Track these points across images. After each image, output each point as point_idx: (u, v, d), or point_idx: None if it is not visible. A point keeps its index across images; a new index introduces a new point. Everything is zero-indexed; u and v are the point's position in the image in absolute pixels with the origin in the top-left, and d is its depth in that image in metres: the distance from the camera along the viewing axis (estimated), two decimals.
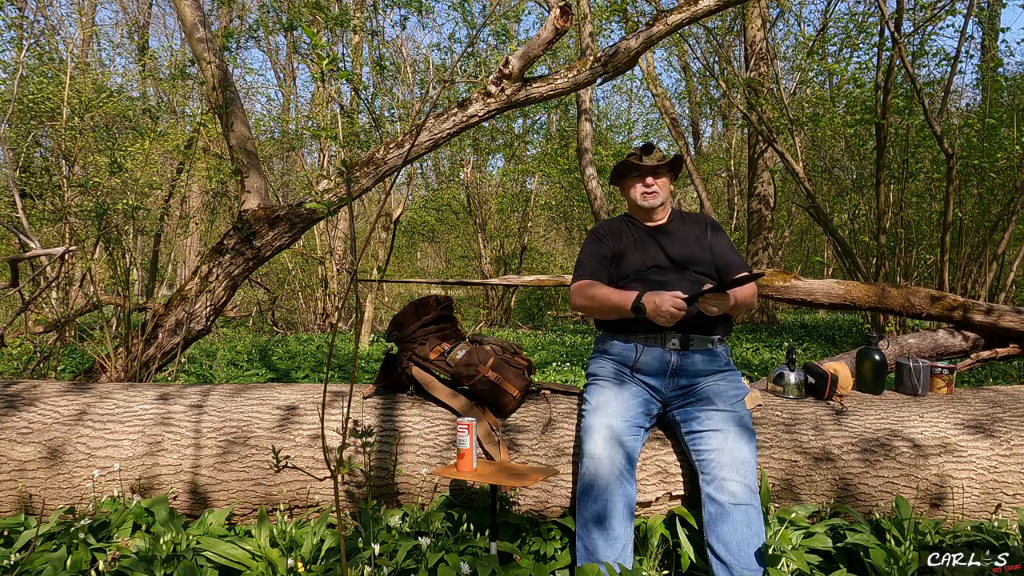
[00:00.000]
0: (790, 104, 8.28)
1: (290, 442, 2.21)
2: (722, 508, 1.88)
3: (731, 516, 1.86)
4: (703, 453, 1.99)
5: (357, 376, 5.72)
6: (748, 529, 1.85)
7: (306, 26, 1.64)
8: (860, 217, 8.93)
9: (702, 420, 2.04)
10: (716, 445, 1.97)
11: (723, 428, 2.00)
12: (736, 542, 1.84)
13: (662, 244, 2.32)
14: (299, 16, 8.98)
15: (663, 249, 2.30)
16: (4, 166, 7.45)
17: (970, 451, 2.20)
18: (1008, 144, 6.95)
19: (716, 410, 2.05)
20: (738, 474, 1.91)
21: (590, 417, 2.08)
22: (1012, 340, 3.43)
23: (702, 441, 2.01)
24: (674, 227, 2.38)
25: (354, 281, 1.51)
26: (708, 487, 1.94)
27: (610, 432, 2.00)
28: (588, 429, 2.05)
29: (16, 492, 2.14)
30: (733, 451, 1.95)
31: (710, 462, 1.96)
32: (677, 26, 3.39)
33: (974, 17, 6.77)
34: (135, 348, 3.49)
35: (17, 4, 9.63)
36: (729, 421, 2.02)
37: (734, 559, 1.82)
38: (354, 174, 3.47)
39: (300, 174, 14.60)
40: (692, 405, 2.11)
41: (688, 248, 2.31)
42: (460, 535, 1.96)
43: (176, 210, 11.73)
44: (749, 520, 1.86)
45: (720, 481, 1.91)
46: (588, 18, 9.78)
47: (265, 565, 1.86)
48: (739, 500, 1.88)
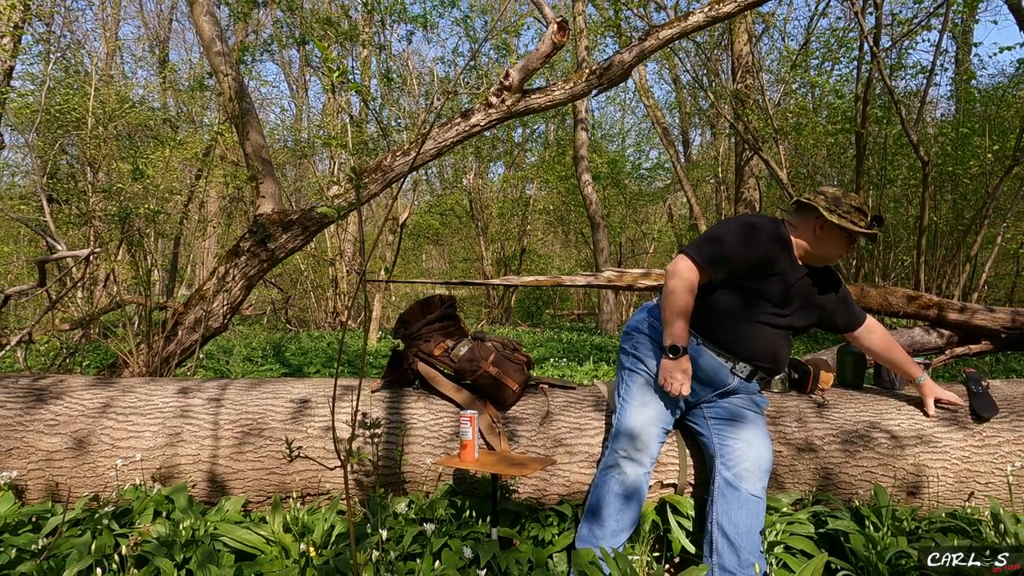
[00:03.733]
0: (775, 114, 8.28)
1: (302, 433, 2.21)
2: (739, 495, 1.89)
3: (746, 503, 1.89)
4: (729, 440, 1.97)
5: (365, 371, 5.72)
6: (756, 519, 1.88)
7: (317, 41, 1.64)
8: None
9: (732, 411, 2.03)
10: (744, 438, 1.97)
11: (754, 424, 2.01)
12: (746, 527, 1.86)
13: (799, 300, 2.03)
14: (311, 31, 8.97)
15: (795, 307, 2.03)
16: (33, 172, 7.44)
17: (944, 442, 2.20)
18: (980, 152, 6.95)
19: (746, 408, 2.04)
20: (758, 468, 1.93)
21: (631, 411, 2.00)
22: (984, 337, 3.43)
23: (731, 430, 1.99)
24: (814, 281, 2.06)
25: (363, 281, 1.51)
26: (727, 472, 1.93)
27: (653, 435, 1.99)
28: (632, 431, 1.98)
29: (44, 480, 2.14)
30: (760, 448, 1.96)
31: (735, 450, 1.95)
32: (668, 41, 3.39)
33: (948, 32, 6.76)
34: (156, 344, 3.48)
35: (45, 20, 9.62)
36: (759, 421, 2.03)
37: (743, 542, 1.84)
38: (363, 180, 3.47)
39: (312, 180, 14.60)
40: (726, 399, 2.08)
41: (809, 317, 2.09)
42: (463, 521, 1.96)
43: (195, 214, 11.72)
44: (759, 511, 1.89)
45: (741, 470, 1.92)
46: (584, 33, 9.78)
47: (279, 549, 1.86)
48: (755, 491, 1.90)
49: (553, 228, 18.67)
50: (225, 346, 7.64)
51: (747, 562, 1.82)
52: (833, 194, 2.00)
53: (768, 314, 1.98)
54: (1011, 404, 2.30)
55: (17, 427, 2.17)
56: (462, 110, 3.50)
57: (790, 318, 2.02)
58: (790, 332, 2.07)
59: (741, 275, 1.95)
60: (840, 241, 2.00)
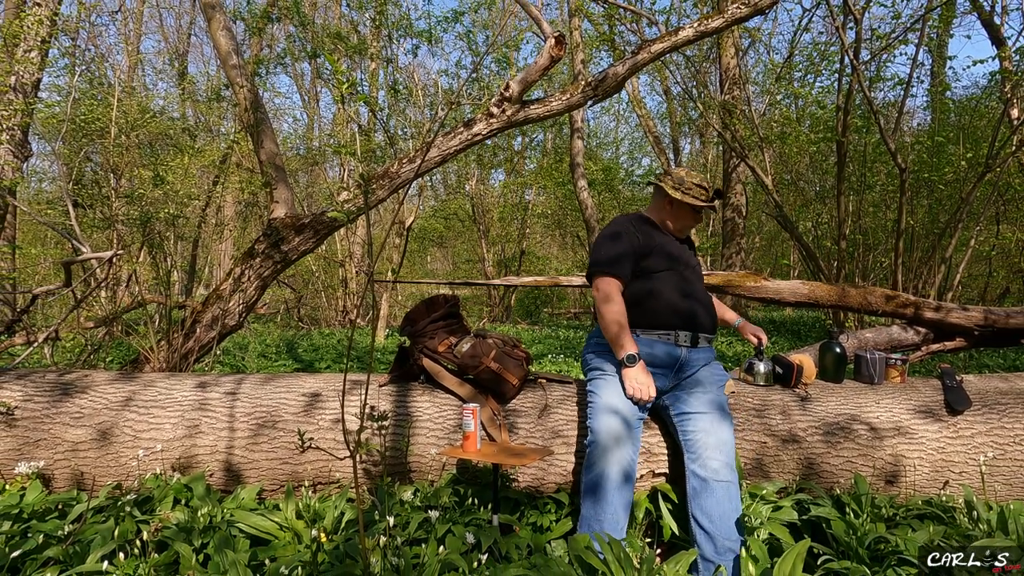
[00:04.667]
0: (760, 124, 8.27)
1: (314, 425, 2.21)
2: (705, 483, 1.88)
3: (714, 491, 1.86)
4: (689, 433, 1.98)
5: (373, 367, 5.72)
6: (729, 503, 1.85)
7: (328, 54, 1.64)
8: (823, 224, 8.91)
9: (690, 403, 2.03)
10: (702, 427, 1.96)
11: (708, 411, 1.99)
12: (718, 514, 1.84)
13: (684, 253, 2.26)
14: (322, 45, 8.97)
15: (685, 262, 2.23)
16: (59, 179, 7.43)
17: (921, 434, 2.20)
18: (954, 159, 6.96)
19: (703, 394, 2.04)
20: (720, 453, 1.91)
21: (601, 418, 2.01)
22: (958, 334, 3.43)
23: (689, 423, 2.00)
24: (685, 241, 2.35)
25: (371, 282, 1.51)
26: (693, 464, 1.93)
27: (623, 432, 1.98)
28: (601, 430, 1.98)
29: (70, 470, 2.14)
30: (717, 433, 1.94)
31: (696, 442, 1.95)
32: (659, 54, 3.39)
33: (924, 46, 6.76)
34: (175, 341, 3.48)
35: (70, 35, 9.61)
36: (713, 405, 2.01)
37: (716, 529, 1.82)
38: (371, 186, 3.47)
39: (323, 186, 14.58)
40: (681, 390, 2.10)
41: (693, 256, 2.32)
42: (466, 508, 1.96)
43: (212, 218, 11.71)
44: (729, 495, 1.86)
45: (704, 459, 1.91)
46: (580, 47, 9.77)
47: (292, 535, 1.86)
48: (721, 477, 1.88)
49: (551, 231, 18.65)
50: (241, 343, 7.63)
51: (724, 548, 1.81)
52: (678, 174, 2.20)
53: (673, 278, 2.14)
54: (983, 398, 2.31)
55: (44, 419, 2.17)
56: (465, 120, 3.49)
57: (687, 271, 2.19)
58: (697, 283, 2.21)
59: (637, 260, 2.13)
60: (688, 213, 2.22)
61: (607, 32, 8.30)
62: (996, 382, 2.45)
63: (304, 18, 8.93)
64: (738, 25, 4.20)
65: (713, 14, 3.41)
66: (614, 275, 2.08)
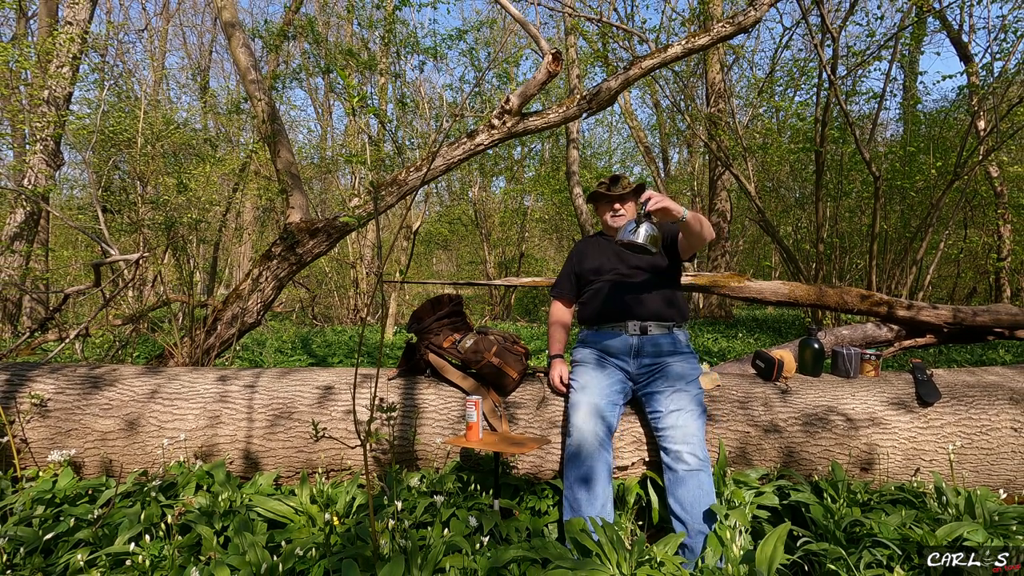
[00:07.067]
0: (744, 135, 8.27)
1: (327, 416, 2.21)
2: (677, 475, 1.88)
3: (686, 482, 1.86)
4: (660, 430, 1.99)
5: (383, 361, 5.72)
6: (700, 491, 1.85)
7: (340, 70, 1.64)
8: (802, 229, 8.92)
9: (660, 400, 2.03)
10: (671, 422, 1.96)
11: (678, 407, 1.99)
12: (690, 503, 1.84)
13: (622, 255, 2.29)
14: (335, 61, 8.96)
15: (623, 259, 2.29)
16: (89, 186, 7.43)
17: (894, 424, 2.20)
18: (925, 168, 6.96)
19: (673, 390, 2.04)
20: (690, 446, 1.90)
21: (576, 395, 2.08)
22: (929, 331, 3.43)
23: (661, 419, 2.00)
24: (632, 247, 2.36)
25: (380, 282, 1.51)
26: (666, 457, 1.93)
27: (592, 407, 2.00)
28: (574, 405, 2.04)
29: (99, 458, 2.14)
30: (686, 427, 1.94)
31: (667, 436, 1.96)
32: (649, 69, 3.38)
33: (897, 62, 6.76)
34: (198, 338, 3.48)
35: (100, 51, 9.61)
36: (683, 400, 2.01)
37: (688, 516, 1.83)
38: (380, 193, 3.47)
39: (335, 193, 14.58)
40: (654, 384, 2.10)
41: (642, 261, 2.28)
42: (469, 494, 1.96)
43: (232, 223, 11.70)
44: (700, 483, 1.86)
45: (676, 453, 1.91)
46: (576, 63, 9.77)
47: (306, 519, 1.86)
48: (691, 467, 1.88)
49: (548, 235, 18.65)
50: (259, 339, 7.63)
51: (695, 531, 1.82)
52: (599, 181, 2.36)
53: (611, 280, 2.26)
54: (952, 390, 2.30)
55: (75, 411, 2.17)
56: (468, 131, 3.49)
57: (625, 270, 2.26)
58: (636, 277, 2.25)
59: (578, 277, 2.38)
60: (603, 205, 2.36)
61: (601, 49, 8.30)
62: (964, 376, 2.45)
63: (318, 36, 8.92)
64: (723, 43, 4.20)
65: (700, 32, 3.41)
66: (555, 295, 2.46)
